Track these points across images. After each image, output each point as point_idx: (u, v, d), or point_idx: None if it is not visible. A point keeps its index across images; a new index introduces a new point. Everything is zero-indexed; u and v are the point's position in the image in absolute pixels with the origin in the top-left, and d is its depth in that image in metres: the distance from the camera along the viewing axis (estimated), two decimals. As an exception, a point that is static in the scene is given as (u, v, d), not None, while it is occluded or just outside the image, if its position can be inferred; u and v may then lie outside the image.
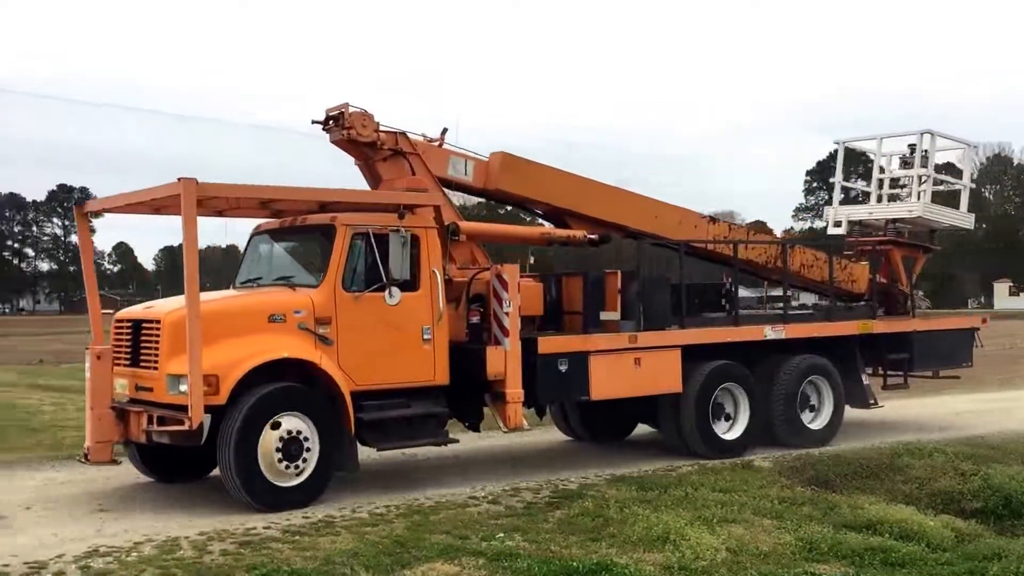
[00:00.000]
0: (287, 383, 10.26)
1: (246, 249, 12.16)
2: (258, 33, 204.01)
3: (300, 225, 11.43)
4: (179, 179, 9.72)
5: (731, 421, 13.42)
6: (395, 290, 10.71)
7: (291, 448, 10.14)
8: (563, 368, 12.01)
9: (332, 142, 12.01)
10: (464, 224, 12.48)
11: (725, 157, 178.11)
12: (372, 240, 10.79)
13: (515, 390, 11.58)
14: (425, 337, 11.16)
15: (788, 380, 13.89)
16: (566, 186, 13.41)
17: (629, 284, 12.67)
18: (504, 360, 11.50)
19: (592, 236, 13.57)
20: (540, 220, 14.44)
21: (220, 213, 11.84)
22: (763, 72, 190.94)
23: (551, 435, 15.07)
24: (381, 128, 12.03)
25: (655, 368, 12.68)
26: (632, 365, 12.50)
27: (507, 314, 11.59)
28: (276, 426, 10.03)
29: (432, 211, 11.44)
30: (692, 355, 13.07)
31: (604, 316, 12.50)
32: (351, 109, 11.82)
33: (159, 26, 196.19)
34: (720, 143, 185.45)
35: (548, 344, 11.92)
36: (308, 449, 10.23)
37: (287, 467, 10.11)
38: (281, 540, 8.75)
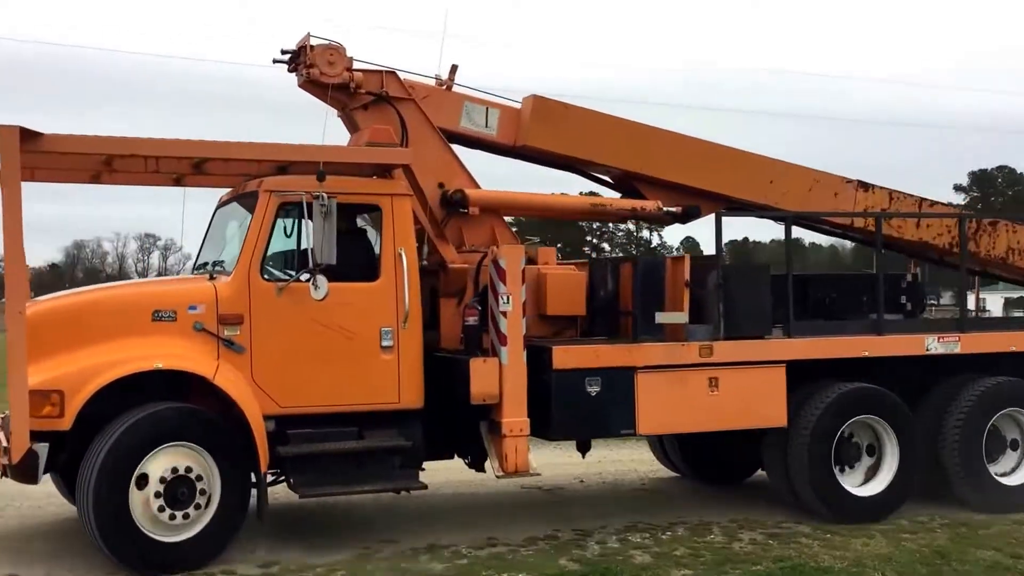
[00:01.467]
0: (172, 404, 7.72)
1: (208, 225, 9.73)
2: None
3: (240, 193, 8.85)
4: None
5: (869, 470, 9.64)
6: (320, 279, 7.87)
7: (177, 491, 7.59)
8: (593, 390, 8.74)
9: (299, 86, 9.34)
10: (475, 192, 9.49)
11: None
12: (308, 212, 8.04)
13: (515, 419, 8.49)
14: (384, 344, 8.30)
15: (972, 413, 9.87)
16: (629, 140, 10.05)
17: (704, 273, 9.20)
18: (498, 377, 8.45)
19: (671, 208, 10.19)
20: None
21: (177, 182, 9.46)
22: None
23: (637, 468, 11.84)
24: (356, 67, 9.24)
25: (743, 392, 9.15)
26: (704, 388, 9.05)
27: (504, 314, 8.52)
28: (149, 465, 7.51)
29: (402, 173, 8.55)
30: (806, 375, 9.44)
31: (662, 318, 9.08)
32: (313, 42, 9.11)
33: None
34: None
35: (568, 356, 8.69)
36: (203, 491, 7.66)
37: (171, 517, 7.56)
38: (811, 536, 8.75)
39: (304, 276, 7.96)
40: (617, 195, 10.54)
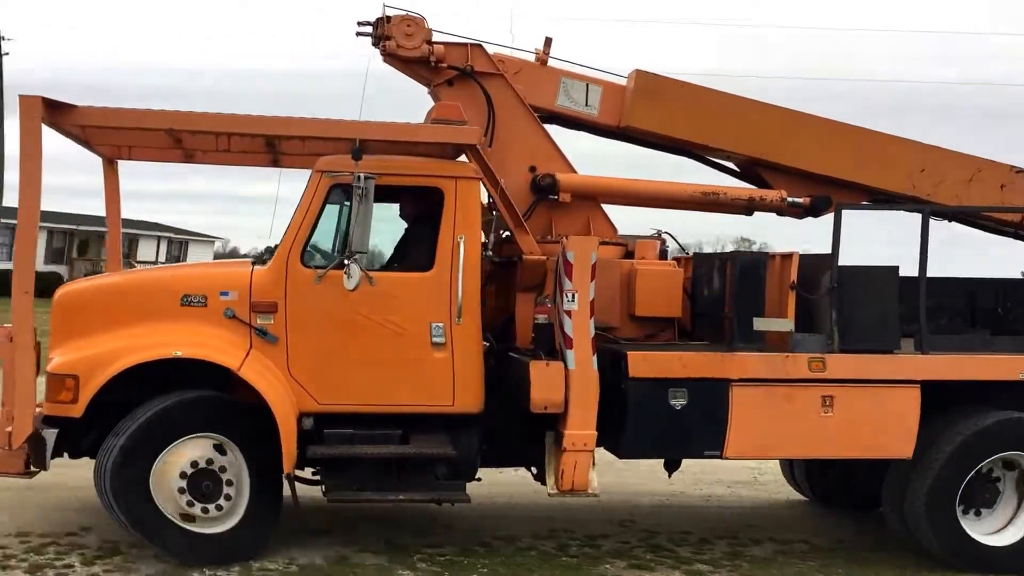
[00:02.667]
0: (196, 393, 7.33)
1: None
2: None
3: None
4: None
5: (1006, 516, 8.12)
6: (353, 268, 7.24)
7: (202, 484, 7.23)
8: (678, 403, 7.72)
9: (384, 62, 8.79)
10: (567, 177, 8.64)
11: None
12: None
13: (579, 432, 7.60)
14: (436, 340, 7.61)
15: None
16: (749, 121, 8.86)
17: (815, 275, 7.97)
18: (563, 384, 7.58)
19: (796, 199, 8.95)
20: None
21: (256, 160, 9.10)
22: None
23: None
24: (436, 39, 8.58)
25: (863, 415, 7.86)
26: (815, 408, 7.81)
27: (569, 313, 7.65)
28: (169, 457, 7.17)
29: (470, 155, 7.80)
30: (943, 399, 8.03)
31: (762, 324, 7.91)
32: (390, 13, 8.51)
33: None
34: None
35: (647, 363, 7.69)
36: (229, 483, 7.27)
37: (202, 510, 7.21)
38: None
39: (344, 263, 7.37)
40: (741, 183, 9.40)
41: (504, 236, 8.36)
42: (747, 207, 9.00)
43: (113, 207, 9.44)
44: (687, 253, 9.48)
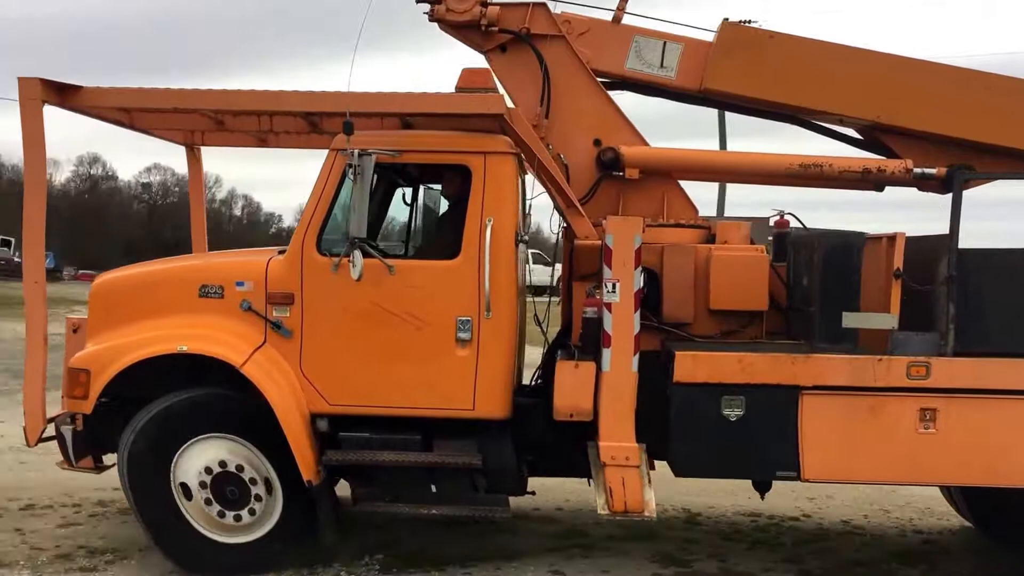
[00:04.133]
0: (209, 391, 6.98)
1: None
2: None
3: None
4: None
5: None
6: (356, 256, 6.60)
7: (225, 489, 6.90)
8: (734, 414, 6.63)
9: (441, 30, 8.10)
10: (633, 150, 7.65)
11: None
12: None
13: (616, 444, 6.70)
14: (461, 336, 6.89)
15: None
16: (863, 78, 7.49)
17: (926, 260, 6.61)
18: (591, 388, 6.71)
19: (926, 170, 7.50)
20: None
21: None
22: None
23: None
24: (496, 0, 7.80)
25: (979, 434, 6.48)
26: (909, 424, 6.51)
27: (608, 307, 6.72)
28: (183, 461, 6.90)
29: (499, 125, 6.99)
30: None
31: (852, 320, 6.61)
32: (441, -28, 7.78)
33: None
34: None
35: (697, 365, 6.63)
36: (256, 492, 6.91)
37: (227, 517, 6.91)
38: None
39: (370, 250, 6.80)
40: (864, 153, 8.03)
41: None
42: (861, 180, 7.64)
43: (196, 193, 9.29)
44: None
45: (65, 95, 7.07)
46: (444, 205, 7.75)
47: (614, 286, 6.67)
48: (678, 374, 6.62)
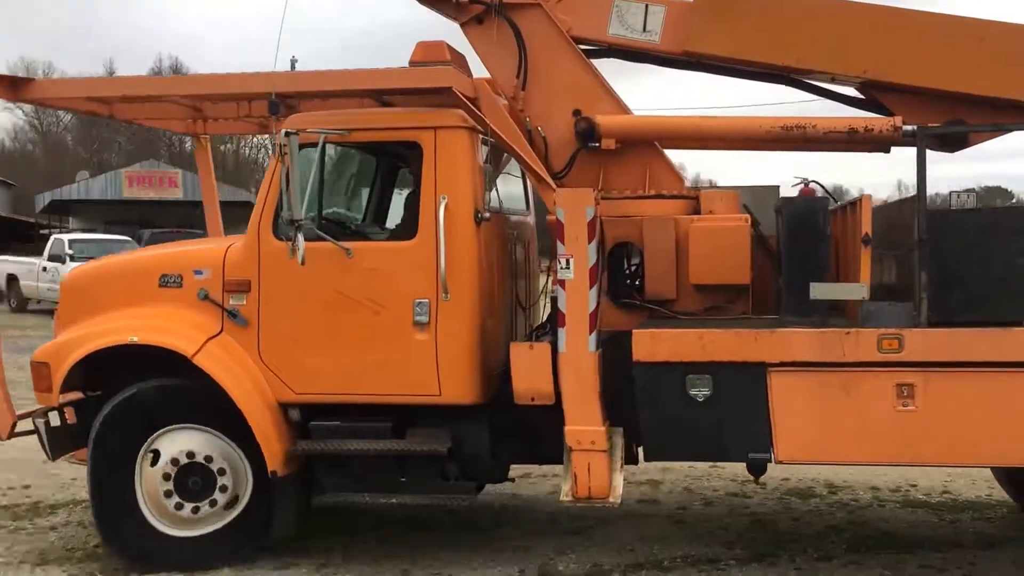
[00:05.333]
0: (173, 381, 7.03)
1: None
2: None
3: None
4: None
5: None
6: (299, 239, 6.48)
7: (189, 480, 6.92)
8: (700, 394, 6.33)
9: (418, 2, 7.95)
10: (609, 119, 7.36)
11: None
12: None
13: (580, 428, 6.51)
14: (418, 319, 6.77)
15: None
16: (849, 30, 7.02)
17: (896, 225, 6.18)
18: (550, 370, 6.52)
19: (906, 127, 6.98)
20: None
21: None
22: None
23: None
24: None
25: (962, 411, 6.03)
26: (886, 400, 6.10)
27: (562, 284, 6.51)
28: (156, 449, 6.96)
29: (456, 100, 6.80)
30: None
31: (820, 291, 6.24)
32: (408, -58, 7.63)
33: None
34: None
35: (657, 344, 6.36)
36: (222, 483, 6.91)
37: (181, 508, 6.91)
38: None
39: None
40: (862, 113, 7.56)
41: None
42: (847, 141, 7.18)
43: (207, 180, 9.43)
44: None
45: (18, 88, 7.23)
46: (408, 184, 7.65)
47: (567, 262, 6.46)
48: (637, 353, 6.37)
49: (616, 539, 7.60)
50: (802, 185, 7.63)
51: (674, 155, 8.56)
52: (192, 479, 6.91)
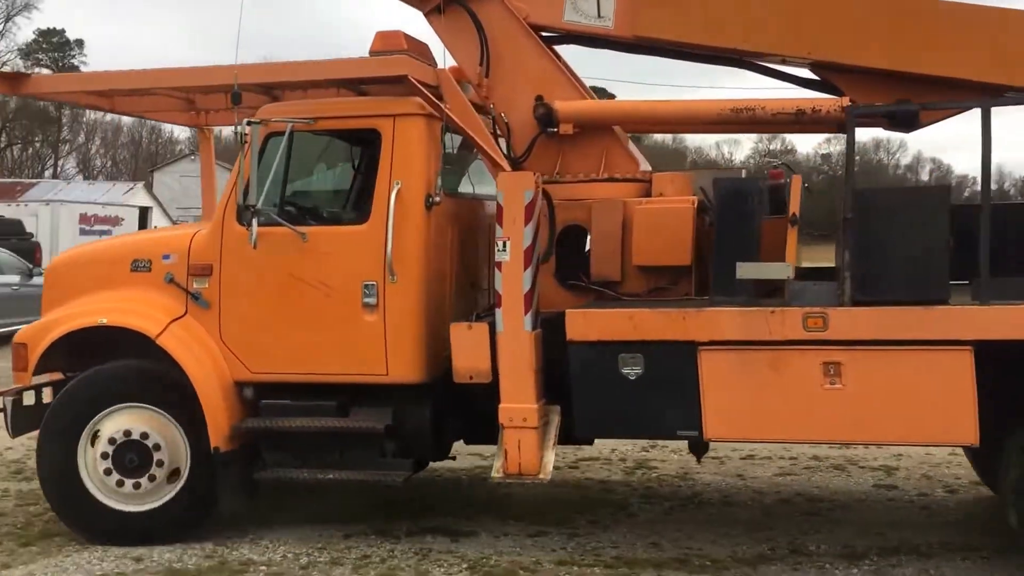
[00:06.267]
0: (125, 362, 7.38)
1: None
2: None
3: None
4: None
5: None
6: (254, 224, 6.88)
7: (126, 457, 7.23)
8: (633, 373, 6.50)
9: (384, -6, 8.22)
10: (565, 105, 7.53)
11: None
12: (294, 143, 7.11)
13: (514, 405, 6.71)
14: (367, 301, 7.03)
15: None
16: (791, 9, 7.13)
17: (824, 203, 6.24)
18: (488, 349, 6.76)
19: (850, 103, 7.00)
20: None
21: None
22: None
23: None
24: None
25: (890, 388, 6.11)
26: (814, 379, 6.20)
27: (499, 266, 6.72)
28: (98, 430, 7.30)
29: (413, 86, 6.99)
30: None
31: (747, 271, 6.36)
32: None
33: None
34: None
35: (589, 324, 6.55)
36: (160, 461, 7.21)
37: (120, 483, 7.24)
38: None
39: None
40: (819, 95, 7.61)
41: None
42: (795, 122, 7.26)
43: (208, 172, 9.78)
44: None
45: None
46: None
47: (504, 244, 6.67)
48: (571, 333, 6.55)
49: (862, 522, 7.57)
50: (778, 167, 7.76)
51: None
52: (129, 456, 7.19)
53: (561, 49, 8.00)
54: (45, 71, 66.66)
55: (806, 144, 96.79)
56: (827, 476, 8.93)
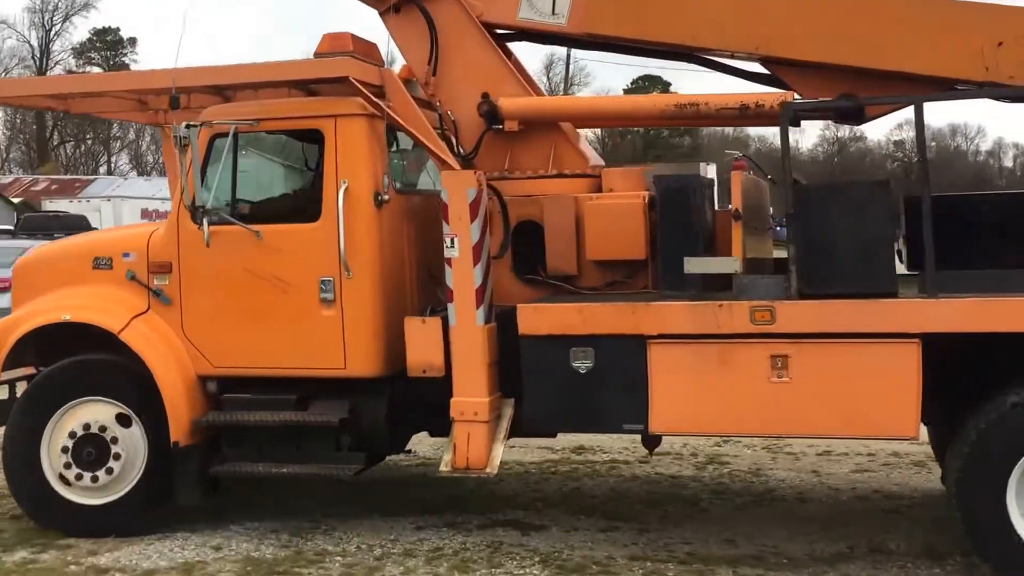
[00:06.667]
0: (87, 357, 7.50)
1: None
2: None
3: None
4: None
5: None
6: (204, 222, 6.97)
7: (84, 450, 7.34)
8: (583, 366, 6.55)
9: (341, -7, 8.23)
10: (510, 101, 7.56)
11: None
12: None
13: (465, 399, 6.80)
14: (324, 296, 7.10)
15: None
16: (744, 7, 7.15)
17: (755, 195, 6.34)
18: (441, 344, 6.83)
19: (793, 97, 7.06)
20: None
21: None
22: None
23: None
24: None
25: (836, 382, 6.17)
26: (763, 372, 6.24)
27: (449, 262, 6.79)
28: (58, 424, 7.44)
29: (356, 88, 7.04)
30: (962, 361, 6.16)
31: (694, 266, 6.41)
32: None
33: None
34: None
35: (540, 318, 6.62)
36: (116, 455, 7.31)
37: (79, 477, 7.34)
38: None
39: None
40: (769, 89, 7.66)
41: None
42: (739, 116, 7.31)
43: (172, 168, 9.79)
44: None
45: None
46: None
47: (452, 241, 6.74)
48: (523, 327, 6.62)
49: (944, 520, 7.01)
50: (739, 158, 7.81)
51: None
52: (87, 450, 7.33)
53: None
54: (96, 70, 66.91)
55: (878, 131, 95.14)
56: (907, 473, 8.81)
